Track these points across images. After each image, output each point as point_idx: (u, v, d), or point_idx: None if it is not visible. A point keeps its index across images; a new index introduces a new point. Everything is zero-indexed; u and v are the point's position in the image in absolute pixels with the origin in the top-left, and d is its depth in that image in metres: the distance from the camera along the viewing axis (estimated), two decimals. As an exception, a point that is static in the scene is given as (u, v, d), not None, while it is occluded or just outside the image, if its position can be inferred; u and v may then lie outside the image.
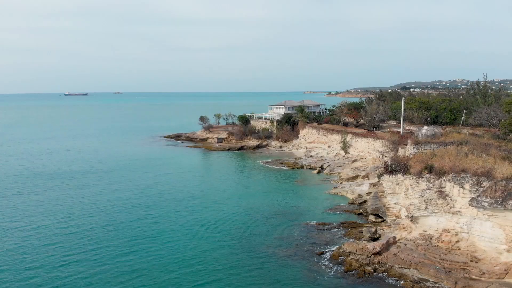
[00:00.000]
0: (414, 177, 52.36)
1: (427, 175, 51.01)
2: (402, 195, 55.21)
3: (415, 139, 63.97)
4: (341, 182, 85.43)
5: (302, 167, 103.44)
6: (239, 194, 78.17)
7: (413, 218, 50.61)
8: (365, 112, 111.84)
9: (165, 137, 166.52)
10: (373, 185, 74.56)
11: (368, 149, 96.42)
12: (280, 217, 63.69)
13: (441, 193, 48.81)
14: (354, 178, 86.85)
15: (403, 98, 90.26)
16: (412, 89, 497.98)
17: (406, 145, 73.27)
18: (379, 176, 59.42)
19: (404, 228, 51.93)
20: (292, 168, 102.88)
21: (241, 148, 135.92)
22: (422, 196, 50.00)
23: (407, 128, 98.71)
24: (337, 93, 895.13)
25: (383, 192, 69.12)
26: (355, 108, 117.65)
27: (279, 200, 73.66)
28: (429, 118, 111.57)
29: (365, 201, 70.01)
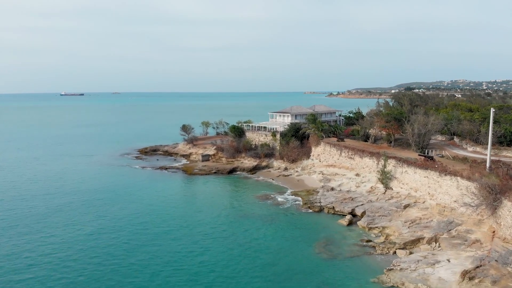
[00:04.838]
0: None
1: None
2: None
3: None
4: (394, 252, 50.48)
5: (321, 209, 68.57)
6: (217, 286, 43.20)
7: None
8: (412, 126, 76.74)
9: (138, 151, 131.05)
10: (468, 274, 39.66)
11: (429, 189, 61.25)
12: None
13: None
14: (414, 242, 51.95)
15: (491, 109, 55.01)
16: (417, 90, 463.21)
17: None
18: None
19: None
20: (305, 209, 68.46)
21: (232, 171, 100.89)
22: None
23: (471, 151, 63.28)
24: (338, 93, 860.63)
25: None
26: (395, 119, 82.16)
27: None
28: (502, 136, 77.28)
29: (464, 320, 35.28)
